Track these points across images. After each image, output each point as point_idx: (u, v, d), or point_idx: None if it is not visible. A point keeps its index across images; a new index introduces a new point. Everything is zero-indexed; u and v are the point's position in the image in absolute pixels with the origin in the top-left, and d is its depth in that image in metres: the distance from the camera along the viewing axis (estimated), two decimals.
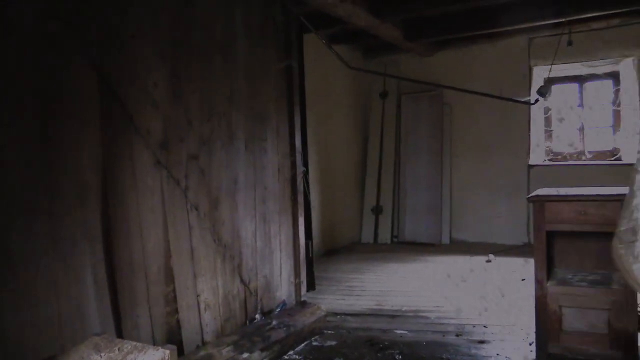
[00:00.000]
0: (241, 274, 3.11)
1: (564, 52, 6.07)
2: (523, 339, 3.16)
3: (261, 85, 3.33)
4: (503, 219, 6.46)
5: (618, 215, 2.58)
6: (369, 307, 3.92)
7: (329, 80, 6.07)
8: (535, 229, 2.79)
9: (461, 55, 6.53)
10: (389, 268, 5.24)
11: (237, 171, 3.11)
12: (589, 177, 5.71)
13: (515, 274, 4.85)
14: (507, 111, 6.37)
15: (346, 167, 6.69)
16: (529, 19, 5.61)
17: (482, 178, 6.58)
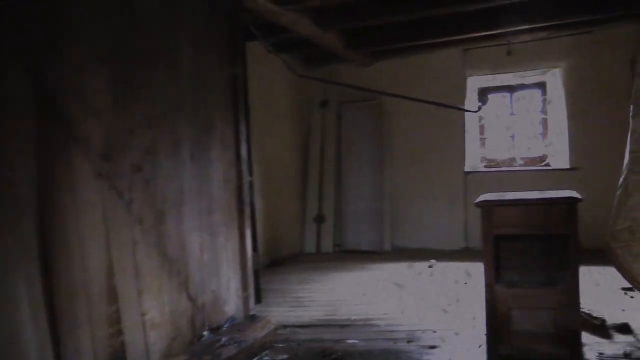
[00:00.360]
0: (188, 289, 2.98)
1: (497, 63, 6.35)
2: (472, 342, 3.21)
3: (206, 93, 3.23)
4: (442, 225, 6.62)
5: (562, 218, 2.70)
6: (319, 318, 3.87)
7: (269, 89, 6.01)
8: (483, 233, 2.85)
9: (399, 65, 6.67)
10: (334, 277, 5.22)
11: (182, 182, 2.98)
12: (521, 182, 5.97)
13: (458, 278, 4.96)
14: (444, 120, 6.56)
15: (287, 176, 6.64)
16: (463, 31, 5.81)
17: (422, 185, 6.73)
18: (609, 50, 5.86)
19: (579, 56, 6.03)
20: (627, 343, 3.04)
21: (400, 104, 6.64)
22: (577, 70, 6.08)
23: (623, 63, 5.80)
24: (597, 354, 2.87)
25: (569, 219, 2.68)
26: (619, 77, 5.83)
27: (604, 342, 3.06)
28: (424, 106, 6.52)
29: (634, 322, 3.36)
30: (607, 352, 2.90)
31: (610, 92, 5.90)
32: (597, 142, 5.98)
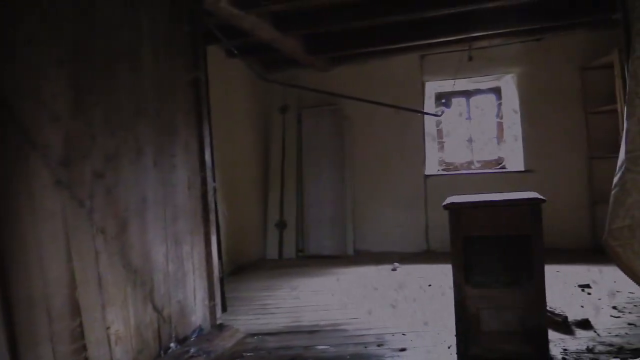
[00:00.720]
0: (153, 300, 2.88)
1: (453, 68, 6.48)
2: (441, 343, 3.23)
3: (169, 97, 3.15)
4: (404, 228, 6.69)
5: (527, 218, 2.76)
6: (286, 325, 3.82)
7: (227, 94, 5.92)
8: (451, 235, 2.88)
9: (358, 71, 6.71)
10: (299, 283, 5.18)
11: (146, 189, 2.89)
12: (479, 185, 6.08)
13: (422, 280, 5.01)
14: (404, 124, 6.65)
15: (248, 182, 6.55)
16: (420, 38, 5.91)
17: (383, 189, 6.78)
18: (560, 57, 6.08)
19: (531, 62, 6.23)
20: (588, 338, 3.13)
21: (360, 109, 6.70)
22: (529, 76, 6.28)
23: (573, 70, 6.04)
24: (562, 350, 2.95)
25: (534, 219, 2.74)
26: (570, 83, 6.07)
27: (567, 338, 3.14)
28: (384, 111, 6.62)
29: (593, 317, 3.47)
30: (571, 348, 2.98)
31: (562, 97, 6.13)
32: (549, 145, 6.19)
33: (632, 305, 3.73)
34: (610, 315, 3.54)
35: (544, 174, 6.14)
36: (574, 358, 2.83)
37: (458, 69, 6.37)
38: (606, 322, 3.41)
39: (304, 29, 5.08)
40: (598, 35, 5.84)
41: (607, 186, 5.92)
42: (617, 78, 5.12)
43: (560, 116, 6.13)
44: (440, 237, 6.50)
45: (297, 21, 4.89)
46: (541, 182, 5.87)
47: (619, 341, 3.04)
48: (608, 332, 3.21)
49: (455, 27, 5.67)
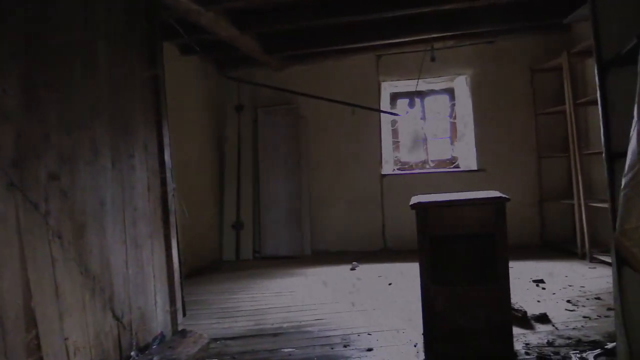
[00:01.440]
0: (113, 307, 2.74)
1: (407, 69, 6.57)
2: (407, 342, 3.25)
3: (127, 95, 3.01)
4: (361, 227, 6.72)
5: (491, 217, 2.81)
6: (249, 328, 3.74)
7: (182, 92, 5.75)
8: (419, 235, 2.89)
9: (315, 70, 6.68)
10: (259, 285, 5.10)
11: (104, 191, 2.74)
12: (433, 184, 6.21)
13: (382, 279, 5.04)
14: (360, 124, 6.68)
15: (203, 183, 6.40)
16: (376, 38, 5.95)
17: (340, 188, 6.78)
18: (511, 59, 6.27)
19: (483, 64, 6.40)
20: (548, 332, 3.23)
21: (317, 108, 6.69)
22: (482, 78, 6.44)
23: (524, 72, 6.24)
24: (524, 345, 3.02)
25: (497, 218, 2.79)
26: (521, 84, 6.27)
27: (527, 333, 3.22)
28: (341, 111, 6.64)
29: (550, 311, 3.58)
30: (533, 342, 3.06)
31: (513, 98, 6.32)
32: (501, 145, 6.37)
33: (584, 299, 3.88)
34: (566, 309, 3.67)
35: (496, 173, 6.31)
36: (537, 352, 2.90)
37: (414, 69, 6.46)
38: (562, 315, 3.53)
39: (261, 26, 5.01)
40: (548, 38, 6.06)
41: (555, 184, 6.22)
42: (566, 80, 5.32)
43: (511, 117, 6.32)
44: (397, 235, 6.59)
45: (255, 19, 4.82)
46: (493, 181, 6.03)
47: (577, 334, 3.15)
48: (565, 326, 3.32)
49: (411, 28, 5.75)
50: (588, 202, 5.21)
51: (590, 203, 5.21)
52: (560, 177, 6.20)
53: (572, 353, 2.85)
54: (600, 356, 2.78)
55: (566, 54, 5.27)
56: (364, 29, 5.71)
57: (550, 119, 6.17)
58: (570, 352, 2.87)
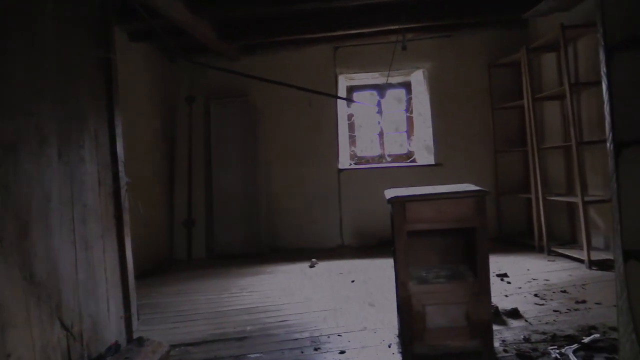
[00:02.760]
0: (61, 316, 2.44)
1: (364, 61, 6.46)
2: (380, 342, 3.11)
3: (75, 79, 2.69)
4: (318, 224, 6.56)
5: (472, 211, 2.70)
6: (210, 333, 3.49)
7: (130, 81, 5.40)
8: (396, 230, 2.75)
9: (271, 61, 6.46)
10: (215, 285, 4.84)
11: (50, 186, 2.43)
12: (391, 179, 6.16)
13: (344, 277, 4.90)
14: (316, 118, 6.52)
15: (151, 177, 6.04)
16: (333, 28, 5.80)
17: (296, 184, 6.59)
18: (469, 54, 6.27)
19: (441, 58, 6.37)
20: (522, 327, 3.17)
21: (273, 101, 6.48)
22: (439, 72, 6.41)
23: (482, 67, 6.25)
24: (501, 342, 2.94)
25: (479, 211, 2.69)
26: (478, 79, 6.28)
27: (502, 329, 3.16)
28: (297, 104, 6.45)
29: (520, 306, 3.55)
30: (509, 339, 2.99)
31: (470, 93, 6.32)
32: (458, 139, 6.36)
33: (551, 292, 3.88)
34: (535, 304, 3.64)
35: (453, 168, 6.30)
36: (515, 349, 2.83)
37: (371, 62, 6.35)
38: (533, 310, 3.49)
39: (216, 10, 4.73)
40: (506, 33, 6.09)
41: (511, 178, 6.27)
42: (525, 75, 5.35)
43: (469, 111, 6.32)
44: (355, 231, 6.48)
45: (210, 3, 4.54)
46: (450, 175, 6.03)
47: (551, 329, 3.11)
48: (538, 321, 3.28)
49: (369, 19, 5.63)
50: (546, 196, 5.26)
51: (547, 197, 5.26)
52: (517, 171, 6.27)
53: (550, 349, 2.79)
54: (578, 351, 2.74)
55: (525, 49, 5.29)
56: (322, 19, 5.55)
57: (507, 113, 6.21)
58: (548, 347, 2.81)
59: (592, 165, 4.94)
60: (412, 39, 6.20)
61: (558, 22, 4.80)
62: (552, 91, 5.13)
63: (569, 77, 4.65)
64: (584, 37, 4.98)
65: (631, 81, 1.69)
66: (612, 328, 3.03)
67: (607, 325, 3.10)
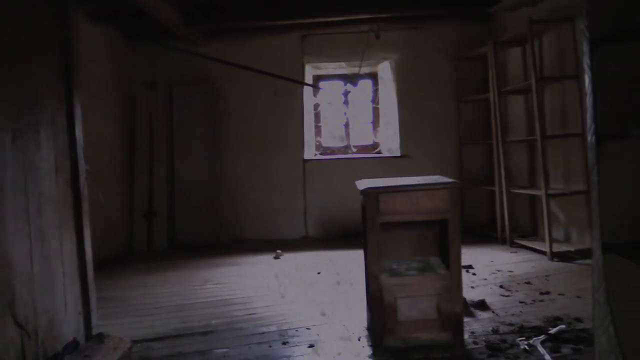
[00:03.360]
0: (15, 313, 2.28)
1: (331, 51, 6.38)
2: (350, 336, 3.06)
3: (32, 59, 2.51)
4: (282, 214, 6.47)
5: (445, 202, 2.67)
6: (173, 327, 3.37)
7: (87, 65, 5.15)
8: (368, 221, 2.70)
9: (236, 48, 6.27)
10: (177, 277, 4.70)
11: (3, 173, 2.26)
12: (357, 170, 6.11)
13: (310, 268, 4.84)
14: (282, 107, 6.41)
15: (110, 166, 5.79)
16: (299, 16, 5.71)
17: (260, 174, 6.48)
18: (436, 46, 6.28)
19: (409, 50, 6.35)
20: (490, 319, 3.19)
21: (238, 88, 6.34)
22: (406, 63, 6.39)
23: (448, 59, 6.27)
24: (470, 334, 2.95)
25: (453, 203, 2.67)
26: (445, 72, 6.30)
27: (470, 321, 3.16)
28: (262, 92, 6.33)
29: (487, 297, 3.57)
30: (478, 331, 3.00)
31: (437, 85, 6.34)
32: (424, 131, 6.38)
33: (516, 284, 3.93)
34: (501, 295, 3.68)
35: (418, 159, 6.32)
36: (484, 341, 2.84)
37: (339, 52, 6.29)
38: (499, 301, 3.53)
39: None
40: (472, 27, 6.12)
41: (475, 170, 6.34)
42: (491, 69, 5.39)
43: (435, 104, 6.34)
44: (320, 223, 6.43)
45: None
46: (416, 167, 6.04)
47: (518, 320, 3.14)
48: (505, 312, 3.31)
49: (337, 8, 5.56)
50: (510, 189, 5.34)
51: (511, 190, 5.34)
52: (480, 164, 6.34)
53: (518, 340, 2.81)
54: (545, 342, 2.77)
55: (492, 43, 5.33)
56: (290, 6, 5.44)
57: (473, 106, 6.27)
58: (516, 339, 2.83)
59: (553, 160, 5.02)
60: (381, 29, 6.14)
61: (523, 17, 4.85)
62: (518, 85, 5.20)
63: (536, 71, 4.71)
64: (549, 32, 5.06)
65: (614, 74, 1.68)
66: (576, 319, 3.09)
67: (571, 316, 3.15)
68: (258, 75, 6.15)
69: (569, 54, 4.75)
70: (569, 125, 4.90)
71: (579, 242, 4.87)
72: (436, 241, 2.97)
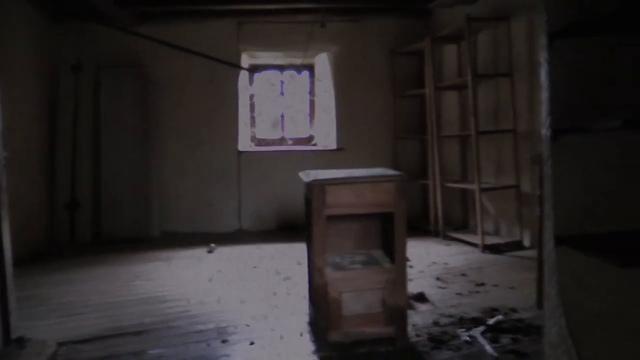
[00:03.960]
0: None
1: (268, 40, 6.26)
2: (291, 331, 2.98)
3: None
4: (215, 207, 6.28)
5: (391, 195, 2.65)
6: (103, 327, 3.14)
7: (5, 44, 4.73)
8: (314, 214, 2.62)
9: (170, 33, 5.98)
10: (105, 273, 4.42)
11: None
12: (291, 162, 6.08)
13: (245, 262, 4.72)
14: (217, 96, 6.23)
15: (28, 153, 5.33)
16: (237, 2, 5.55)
17: (193, 164, 6.25)
18: (374, 40, 6.30)
19: (346, 43, 6.33)
20: (430, 311, 3.23)
21: (171, 73, 6.11)
22: (344, 56, 6.37)
23: (385, 54, 6.31)
24: (412, 326, 2.95)
25: (398, 196, 2.65)
26: (382, 66, 6.34)
27: (411, 314, 3.16)
28: (196, 80, 6.13)
29: (425, 289, 3.61)
30: (419, 323, 3.02)
31: (374, 79, 6.38)
32: (360, 124, 6.39)
33: (452, 276, 4.01)
34: (438, 287, 3.73)
35: (354, 153, 6.32)
36: (426, 333, 2.86)
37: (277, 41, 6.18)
38: (437, 293, 3.58)
39: None
40: (409, 22, 6.20)
41: (409, 164, 6.42)
42: (428, 65, 5.47)
43: (372, 97, 6.37)
44: (254, 215, 6.31)
45: None
46: (352, 160, 6.04)
47: (457, 312, 3.19)
48: (444, 304, 3.35)
49: None
50: (444, 183, 5.46)
51: (445, 184, 5.46)
52: (414, 158, 6.45)
53: (459, 331, 2.85)
54: (485, 333, 2.83)
55: (429, 39, 5.40)
56: None
57: (408, 101, 6.35)
58: (457, 330, 2.87)
59: (485, 155, 5.17)
60: (326, 19, 6.08)
61: (460, 15, 4.95)
62: (455, 81, 5.31)
63: (473, 68, 4.81)
64: (484, 31, 5.20)
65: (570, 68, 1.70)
66: (512, 309, 3.18)
67: (506, 306, 3.24)
68: (192, 62, 5.96)
69: (504, 53, 4.90)
70: (501, 121, 5.07)
71: (508, 235, 5.06)
72: (378, 234, 2.95)
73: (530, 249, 4.70)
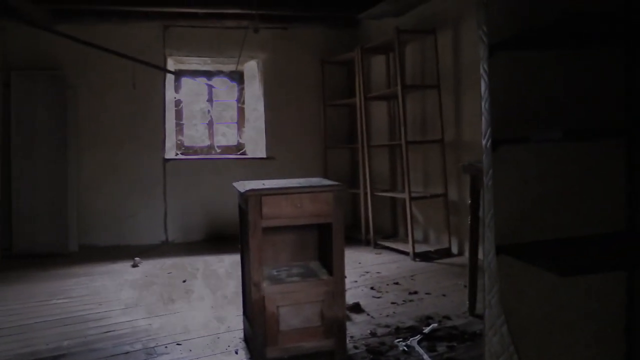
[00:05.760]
0: None
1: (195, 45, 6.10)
2: (226, 349, 2.86)
3: None
4: (139, 218, 5.99)
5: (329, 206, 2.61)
6: (15, 352, 2.86)
7: None
8: (250, 226, 2.53)
9: (90, 34, 5.61)
10: (16, 292, 4.06)
11: None
12: (220, 171, 5.98)
13: (173, 276, 4.51)
14: (141, 102, 5.98)
15: None
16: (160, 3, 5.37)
17: (115, 173, 5.93)
18: (304, 48, 6.30)
19: (276, 50, 6.28)
20: (366, 322, 3.21)
21: (90, 77, 5.80)
22: (274, 64, 6.31)
23: (315, 62, 6.31)
24: (350, 338, 2.92)
25: (337, 206, 2.61)
26: (312, 75, 6.34)
27: (348, 325, 3.11)
28: (118, 84, 5.85)
29: (360, 300, 3.60)
30: (356, 335, 2.99)
31: (303, 88, 6.37)
32: (290, 133, 6.35)
33: (385, 285, 4.03)
34: (373, 297, 3.73)
35: (284, 161, 6.27)
36: (364, 345, 2.84)
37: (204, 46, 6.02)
38: (372, 303, 3.57)
39: None
40: (339, 31, 6.25)
41: (339, 174, 6.43)
42: (358, 74, 5.52)
43: (301, 106, 6.35)
44: (181, 227, 6.09)
45: None
46: (281, 169, 6.00)
47: (392, 321, 3.20)
48: (379, 314, 3.35)
49: None
50: (374, 192, 5.51)
51: (375, 193, 5.52)
52: (344, 167, 6.49)
53: (396, 342, 2.85)
54: (422, 341, 2.84)
55: (359, 49, 5.46)
56: None
57: (338, 111, 6.38)
58: (394, 340, 2.87)
59: (413, 164, 5.27)
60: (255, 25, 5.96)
61: (388, 27, 5.04)
62: (384, 91, 5.39)
63: (402, 79, 4.90)
64: (411, 42, 5.32)
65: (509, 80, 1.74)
66: (445, 317, 3.23)
67: (440, 314, 3.29)
68: (114, 66, 5.67)
69: (431, 64, 5.04)
70: (428, 132, 5.20)
71: (437, 243, 5.18)
72: (315, 245, 2.90)
73: (459, 255, 4.84)
